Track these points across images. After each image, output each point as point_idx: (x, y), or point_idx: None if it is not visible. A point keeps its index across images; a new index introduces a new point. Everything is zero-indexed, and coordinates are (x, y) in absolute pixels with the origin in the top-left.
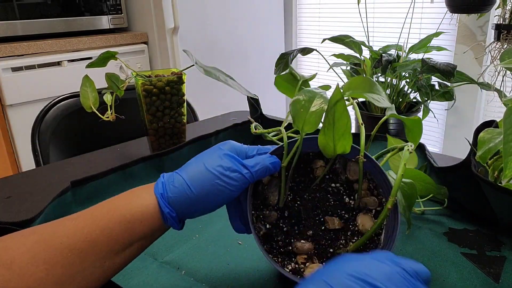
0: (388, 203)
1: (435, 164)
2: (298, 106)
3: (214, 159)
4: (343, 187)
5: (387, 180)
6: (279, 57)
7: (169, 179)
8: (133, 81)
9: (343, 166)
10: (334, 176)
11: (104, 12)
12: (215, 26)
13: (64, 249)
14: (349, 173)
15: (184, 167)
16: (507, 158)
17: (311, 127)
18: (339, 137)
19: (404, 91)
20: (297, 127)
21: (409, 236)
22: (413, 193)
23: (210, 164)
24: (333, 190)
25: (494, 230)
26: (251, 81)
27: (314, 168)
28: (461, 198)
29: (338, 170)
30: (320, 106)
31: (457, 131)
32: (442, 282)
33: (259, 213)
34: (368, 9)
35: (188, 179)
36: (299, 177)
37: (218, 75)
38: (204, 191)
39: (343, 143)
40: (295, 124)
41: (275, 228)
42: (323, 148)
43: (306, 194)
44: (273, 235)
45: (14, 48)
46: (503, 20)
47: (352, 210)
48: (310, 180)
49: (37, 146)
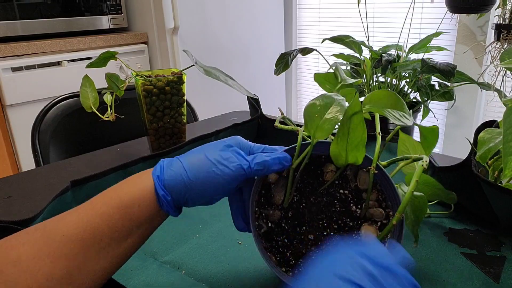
0: (394, 219)
1: (436, 164)
2: (313, 111)
3: (215, 149)
4: (351, 195)
5: (396, 194)
6: (279, 57)
7: (168, 163)
8: (133, 81)
9: (353, 174)
10: (344, 182)
11: (104, 12)
12: (215, 26)
13: (66, 241)
14: (359, 182)
15: (185, 154)
16: (507, 158)
17: (324, 134)
18: (352, 148)
19: (404, 91)
20: (309, 132)
21: (409, 236)
22: (423, 207)
23: (210, 153)
24: (341, 197)
25: (494, 230)
26: (251, 81)
27: (324, 171)
28: (462, 198)
29: (348, 177)
30: (335, 114)
31: (457, 131)
32: (442, 282)
33: (263, 210)
34: (368, 9)
35: (186, 164)
36: (308, 179)
37: (218, 75)
38: (200, 177)
39: (355, 154)
40: (307, 129)
41: (277, 228)
42: (334, 157)
43: (312, 197)
44: (274, 234)
45: (14, 48)
46: (503, 20)
47: (358, 219)
48: (319, 184)
49: (37, 146)
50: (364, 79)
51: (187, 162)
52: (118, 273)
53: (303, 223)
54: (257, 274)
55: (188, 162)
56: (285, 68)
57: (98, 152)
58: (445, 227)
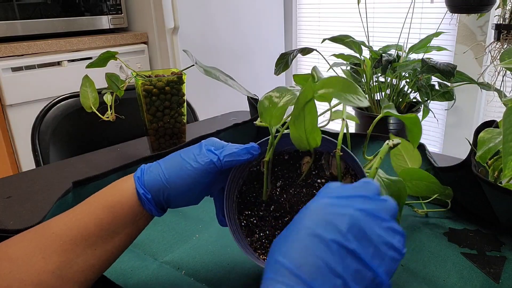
0: None
1: (436, 164)
2: (268, 102)
3: (190, 150)
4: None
5: (361, 171)
6: (279, 57)
7: (148, 167)
8: (133, 81)
9: (328, 162)
10: (320, 171)
11: (104, 12)
12: (215, 26)
13: (56, 238)
14: (333, 169)
15: (164, 158)
16: (507, 158)
17: (278, 121)
18: (310, 131)
19: (404, 91)
20: (265, 121)
21: (409, 237)
22: (402, 191)
23: (184, 153)
24: (319, 185)
25: (494, 230)
26: (251, 81)
27: (301, 163)
28: (462, 198)
29: (323, 166)
30: (286, 102)
31: (457, 131)
32: (442, 283)
33: (245, 206)
34: (368, 9)
35: (163, 165)
36: (288, 173)
37: (218, 75)
38: (175, 175)
39: (314, 136)
40: (263, 118)
41: (260, 221)
42: (296, 142)
43: (292, 189)
44: (256, 228)
45: (14, 48)
46: (503, 20)
47: None
48: (298, 176)
49: (37, 146)
50: (364, 79)
51: (164, 164)
52: (118, 272)
53: (285, 214)
54: (257, 274)
55: (165, 163)
56: (285, 68)
57: (98, 152)
58: (445, 227)
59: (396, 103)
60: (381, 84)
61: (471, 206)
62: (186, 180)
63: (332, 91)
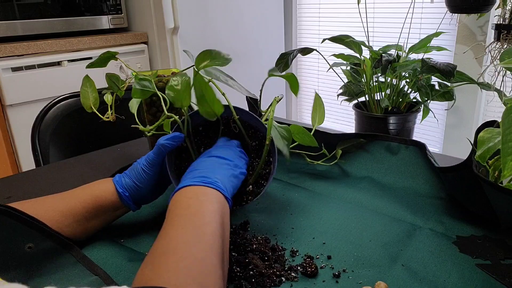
0: (267, 139)
1: (436, 164)
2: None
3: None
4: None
5: (262, 124)
6: (279, 57)
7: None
8: (133, 81)
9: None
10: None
11: (104, 12)
12: (215, 26)
13: (49, 209)
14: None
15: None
16: (506, 158)
17: (187, 102)
18: (212, 104)
19: (404, 91)
20: (178, 106)
21: (410, 237)
22: (287, 133)
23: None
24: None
25: (500, 234)
26: (251, 81)
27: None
28: (462, 198)
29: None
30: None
31: (457, 131)
32: (443, 283)
33: (184, 168)
34: (368, 9)
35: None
36: (206, 139)
37: (218, 75)
38: (139, 166)
39: (215, 107)
40: (177, 105)
41: None
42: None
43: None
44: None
45: (14, 48)
46: (503, 20)
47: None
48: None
49: (37, 146)
50: (364, 79)
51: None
52: (119, 272)
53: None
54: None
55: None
56: (285, 68)
57: (98, 152)
58: (445, 227)
59: (396, 103)
60: (381, 84)
61: (472, 206)
62: (147, 169)
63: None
